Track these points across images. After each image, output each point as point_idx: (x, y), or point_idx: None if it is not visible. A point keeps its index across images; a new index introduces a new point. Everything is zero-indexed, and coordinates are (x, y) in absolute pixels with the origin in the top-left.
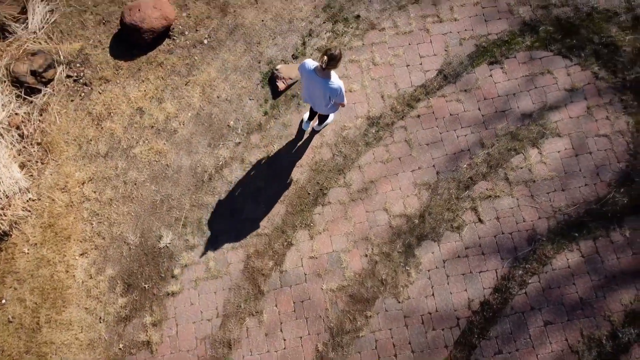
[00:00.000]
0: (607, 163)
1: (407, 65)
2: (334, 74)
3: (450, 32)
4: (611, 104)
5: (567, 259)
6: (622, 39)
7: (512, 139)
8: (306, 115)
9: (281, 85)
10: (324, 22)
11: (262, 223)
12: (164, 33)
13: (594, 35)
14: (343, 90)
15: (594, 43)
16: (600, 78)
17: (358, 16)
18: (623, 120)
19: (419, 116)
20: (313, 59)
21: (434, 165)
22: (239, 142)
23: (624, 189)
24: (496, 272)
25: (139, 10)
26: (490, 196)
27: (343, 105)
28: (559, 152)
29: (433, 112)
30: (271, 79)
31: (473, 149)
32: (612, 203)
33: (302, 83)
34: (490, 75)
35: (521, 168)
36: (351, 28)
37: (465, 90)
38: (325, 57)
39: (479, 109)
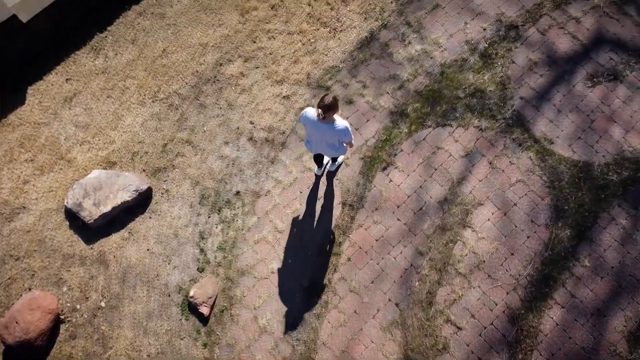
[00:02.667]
0: (534, 205)
1: (311, 215)
2: (336, 116)
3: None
4: (507, 148)
5: (552, 318)
6: (482, 80)
7: (442, 231)
8: (315, 167)
9: (205, 310)
10: (208, 217)
11: None
12: (56, 324)
13: (457, 90)
14: (349, 129)
15: (461, 98)
16: (484, 129)
17: (238, 192)
18: (525, 158)
19: (349, 259)
20: (312, 109)
21: (389, 300)
22: None
23: (561, 222)
24: None
25: (17, 322)
26: (455, 299)
27: (351, 145)
28: (488, 219)
29: (360, 247)
30: (191, 307)
31: (415, 262)
32: (559, 241)
33: (307, 132)
34: (390, 181)
35: (466, 255)
36: (238, 208)
37: (376, 209)
38: (320, 111)
39: (398, 219)
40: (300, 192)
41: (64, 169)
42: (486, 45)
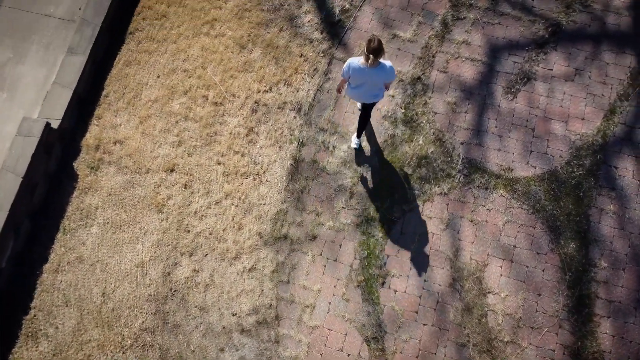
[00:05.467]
0: (531, 237)
1: None
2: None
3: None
4: (477, 198)
5: (605, 333)
6: (419, 146)
7: (469, 311)
8: (354, 136)
9: None
10: None
11: None
12: None
13: (403, 169)
14: (393, 68)
15: (411, 174)
16: (447, 192)
17: None
18: (497, 198)
19: None
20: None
21: None
22: None
23: (562, 240)
24: None
25: None
26: None
27: (388, 88)
28: (501, 275)
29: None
30: None
31: (462, 356)
32: (570, 258)
33: (351, 84)
34: (395, 291)
35: (501, 321)
36: None
37: (399, 327)
38: (372, 56)
39: (424, 324)
40: (321, 354)
41: None
42: (403, 110)
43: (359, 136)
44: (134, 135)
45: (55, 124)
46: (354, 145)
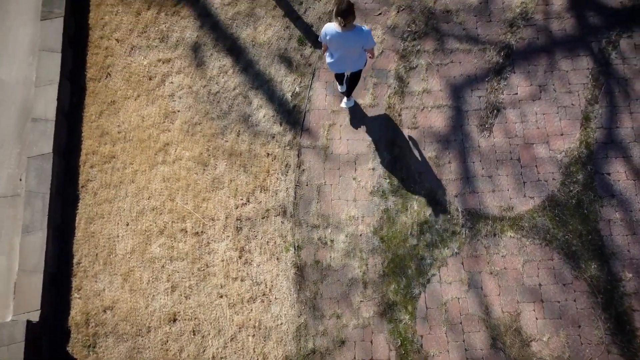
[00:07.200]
0: (553, 270)
1: None
2: (356, 24)
3: None
4: (488, 247)
5: None
6: (416, 213)
7: None
8: (340, 87)
9: None
10: None
11: None
12: None
13: (407, 242)
14: (371, 32)
15: (417, 244)
16: (459, 251)
17: None
18: (508, 241)
19: None
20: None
21: None
22: None
23: (582, 264)
24: None
25: None
26: None
27: (373, 55)
28: (536, 319)
29: None
30: None
31: None
32: (596, 279)
33: (330, 49)
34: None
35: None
36: None
37: None
38: (340, 18)
39: None
40: None
41: None
42: (387, 180)
43: (348, 96)
44: (122, 296)
45: (35, 316)
46: (345, 105)
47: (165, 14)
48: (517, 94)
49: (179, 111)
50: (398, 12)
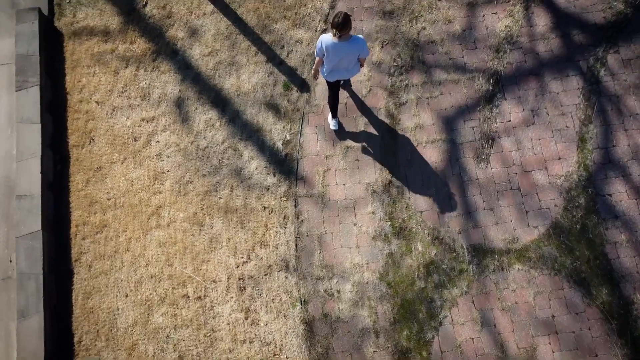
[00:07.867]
0: (564, 300)
1: None
2: (351, 34)
3: None
4: (497, 282)
5: None
6: (421, 254)
7: None
8: (330, 118)
9: None
10: None
11: None
12: None
13: (415, 285)
14: (365, 41)
15: (425, 286)
16: (468, 289)
17: None
18: (516, 274)
19: None
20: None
21: None
22: None
23: (593, 290)
24: None
25: None
26: None
27: (363, 64)
28: (553, 352)
29: None
30: None
31: None
32: (608, 305)
33: (326, 59)
34: None
35: None
36: None
37: None
38: (336, 30)
39: None
40: None
41: None
42: (388, 223)
43: (334, 116)
44: None
45: None
46: (332, 127)
47: (144, 71)
48: (510, 120)
49: (168, 171)
50: (382, 47)
